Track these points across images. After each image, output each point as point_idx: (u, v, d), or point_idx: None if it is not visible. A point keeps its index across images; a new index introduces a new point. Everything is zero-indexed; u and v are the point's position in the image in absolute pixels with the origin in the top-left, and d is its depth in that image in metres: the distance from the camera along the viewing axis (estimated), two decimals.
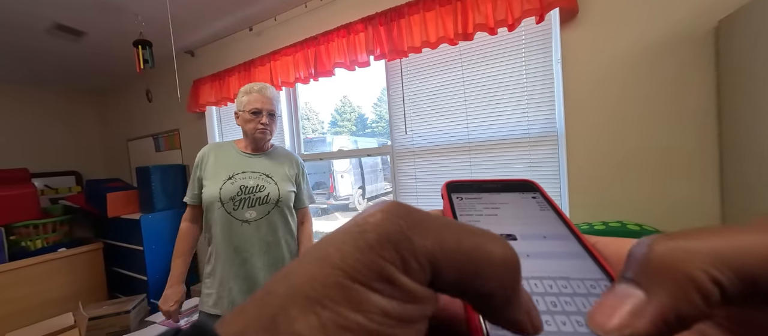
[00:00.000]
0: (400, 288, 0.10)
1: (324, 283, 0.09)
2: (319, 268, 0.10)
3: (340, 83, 12.00)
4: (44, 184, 2.86)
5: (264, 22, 2.03)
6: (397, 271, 0.10)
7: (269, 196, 1.08)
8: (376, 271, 0.10)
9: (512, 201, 0.20)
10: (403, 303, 0.10)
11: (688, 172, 1.12)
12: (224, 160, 1.11)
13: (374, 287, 0.09)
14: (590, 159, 1.27)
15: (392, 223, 0.10)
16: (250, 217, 1.06)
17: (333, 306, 0.09)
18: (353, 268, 0.10)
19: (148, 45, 1.79)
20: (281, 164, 1.15)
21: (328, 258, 0.10)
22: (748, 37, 0.90)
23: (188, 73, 2.38)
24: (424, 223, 0.10)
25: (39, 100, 2.99)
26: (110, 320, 1.90)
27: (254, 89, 1.10)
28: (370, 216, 0.11)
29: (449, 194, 0.20)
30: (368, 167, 5.95)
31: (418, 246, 0.10)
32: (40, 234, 2.35)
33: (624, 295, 0.10)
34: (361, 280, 0.09)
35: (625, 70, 1.18)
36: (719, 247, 0.09)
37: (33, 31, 1.97)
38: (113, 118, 3.29)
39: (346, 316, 0.09)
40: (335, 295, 0.09)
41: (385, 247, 0.10)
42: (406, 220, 0.10)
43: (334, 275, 0.09)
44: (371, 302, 0.09)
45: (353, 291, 0.09)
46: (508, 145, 1.45)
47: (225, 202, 1.05)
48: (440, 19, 1.40)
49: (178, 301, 1.11)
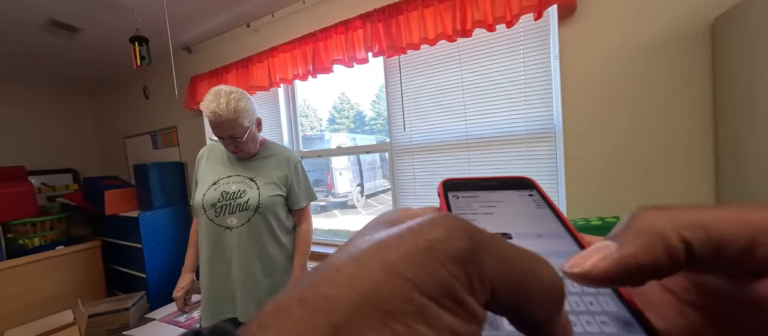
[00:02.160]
0: (466, 308, 0.10)
1: (394, 294, 0.09)
2: (386, 278, 0.09)
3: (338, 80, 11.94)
4: (41, 182, 2.85)
5: (261, 18, 2.02)
6: (464, 290, 0.10)
7: (249, 202, 1.01)
8: (447, 288, 0.09)
9: (509, 199, 0.19)
10: (467, 323, 0.10)
11: (685, 168, 1.13)
12: (213, 164, 1.08)
13: (443, 304, 0.09)
14: (587, 155, 1.28)
15: (460, 241, 0.10)
16: (232, 224, 1.01)
17: (406, 319, 0.09)
18: (424, 283, 0.09)
19: (144, 41, 1.78)
20: (269, 167, 1.08)
21: (394, 267, 0.09)
22: (744, 34, 0.91)
23: (185, 69, 2.37)
24: (487, 244, 0.10)
25: (35, 98, 2.97)
26: (110, 317, 1.90)
27: (206, 112, 0.95)
28: (436, 229, 0.10)
29: (446, 193, 0.19)
30: (367, 164, 5.95)
31: (482, 266, 0.10)
32: (38, 232, 2.34)
33: (599, 247, 0.12)
34: (432, 295, 0.09)
35: (623, 67, 1.19)
36: (698, 214, 0.11)
37: (28, 27, 1.95)
38: (110, 116, 3.26)
39: (418, 330, 0.09)
40: (408, 309, 0.09)
41: (454, 265, 0.10)
42: (472, 239, 0.10)
43: (404, 287, 0.09)
44: (442, 320, 0.09)
45: (425, 306, 0.09)
46: (506, 141, 1.46)
47: (207, 209, 1.02)
48: (439, 16, 1.40)
49: (184, 288, 1.10)
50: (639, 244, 0.11)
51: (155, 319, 1.98)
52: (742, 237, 0.10)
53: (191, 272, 1.14)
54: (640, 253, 0.11)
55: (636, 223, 0.12)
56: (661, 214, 0.11)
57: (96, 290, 2.52)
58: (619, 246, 0.11)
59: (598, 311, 0.13)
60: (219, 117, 0.95)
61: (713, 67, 1.06)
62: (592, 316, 0.12)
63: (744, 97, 0.93)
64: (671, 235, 0.11)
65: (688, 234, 0.11)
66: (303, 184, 1.14)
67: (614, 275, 0.11)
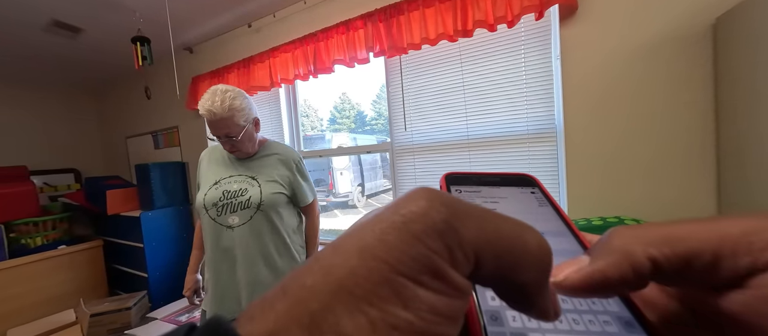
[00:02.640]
0: (448, 282, 0.09)
1: (369, 278, 0.09)
2: (360, 261, 0.09)
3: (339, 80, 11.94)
4: (43, 182, 2.86)
5: (263, 18, 2.03)
6: (445, 264, 0.09)
7: (250, 200, 1.01)
8: (425, 264, 0.09)
9: (511, 195, 0.19)
10: (450, 298, 0.09)
11: (686, 169, 1.13)
12: (214, 165, 1.08)
13: (422, 282, 0.09)
14: (589, 155, 1.27)
15: (438, 213, 0.10)
16: (234, 222, 1.01)
17: (381, 304, 0.08)
18: (400, 261, 0.09)
19: (146, 42, 1.78)
20: (270, 165, 1.08)
21: (369, 249, 0.09)
22: (746, 33, 0.91)
23: (187, 70, 2.37)
24: (467, 213, 0.10)
25: (37, 98, 2.98)
26: (111, 317, 1.91)
27: (201, 111, 0.96)
28: (411, 203, 0.10)
29: (448, 186, 0.19)
30: (367, 164, 5.95)
31: (464, 236, 0.10)
32: (40, 231, 2.35)
33: (576, 260, 0.12)
34: (409, 274, 0.09)
35: (624, 67, 1.19)
36: (667, 231, 0.12)
37: (30, 28, 1.96)
38: (112, 116, 3.27)
39: (395, 313, 0.08)
40: (382, 292, 0.09)
41: (432, 238, 0.09)
42: (450, 209, 0.10)
43: (379, 269, 0.09)
44: (421, 298, 0.09)
45: (401, 286, 0.09)
46: (507, 141, 1.46)
47: (209, 209, 1.02)
48: (440, 16, 1.40)
49: (191, 288, 1.15)
50: (609, 260, 0.11)
51: (157, 318, 1.98)
52: (708, 252, 0.11)
53: (195, 273, 1.16)
54: (608, 268, 0.11)
55: (609, 240, 0.12)
56: (632, 233, 0.12)
57: (98, 290, 2.53)
58: (591, 261, 0.12)
59: (601, 310, 0.13)
60: (214, 115, 0.95)
61: (715, 67, 1.05)
62: (594, 315, 0.12)
63: (746, 97, 0.92)
64: (639, 253, 0.11)
65: (654, 252, 0.11)
66: (306, 181, 1.14)
67: (584, 287, 0.11)
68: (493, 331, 0.11)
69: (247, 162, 1.08)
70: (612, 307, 0.13)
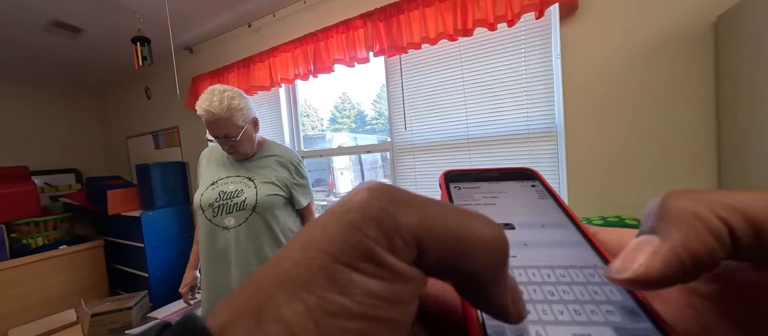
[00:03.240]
0: (386, 267, 0.09)
1: (309, 266, 0.09)
2: (303, 252, 0.10)
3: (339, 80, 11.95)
4: (44, 182, 2.86)
5: (263, 18, 2.03)
6: (382, 250, 0.09)
7: (246, 202, 1.00)
8: (361, 250, 0.09)
9: (511, 190, 0.19)
10: (389, 283, 0.09)
11: (687, 167, 1.12)
12: (213, 165, 1.08)
13: (359, 268, 0.09)
14: (589, 154, 1.27)
15: (377, 200, 0.10)
16: (230, 223, 1.00)
17: (318, 290, 0.09)
18: (337, 249, 0.09)
19: (146, 42, 1.78)
20: (268, 166, 1.06)
21: (312, 241, 0.10)
22: (747, 32, 0.90)
23: (187, 70, 2.37)
24: (408, 201, 0.10)
25: (38, 98, 2.98)
26: (112, 316, 1.91)
27: (200, 111, 0.94)
28: (353, 195, 0.10)
29: (447, 184, 0.19)
30: (368, 164, 5.94)
31: (402, 222, 0.10)
32: (41, 231, 2.36)
33: (641, 243, 0.11)
34: (346, 261, 0.09)
35: (624, 66, 1.18)
36: (728, 197, 0.10)
37: (31, 28, 1.96)
38: (112, 116, 3.28)
39: (331, 299, 0.09)
40: (320, 279, 0.09)
41: (368, 226, 0.09)
42: (390, 198, 0.10)
43: (319, 258, 0.09)
44: (356, 284, 0.09)
45: (337, 273, 0.09)
46: (508, 141, 1.45)
47: (205, 209, 1.02)
48: (439, 15, 1.40)
49: (188, 284, 1.16)
50: (684, 230, 0.10)
51: (157, 318, 1.99)
52: None
53: (194, 269, 1.18)
54: (691, 242, 0.10)
55: (667, 208, 0.11)
56: (693, 195, 0.10)
57: (99, 289, 2.54)
58: (662, 238, 0.10)
59: (603, 300, 0.12)
60: (212, 115, 0.94)
61: (716, 65, 1.05)
62: (596, 305, 0.12)
63: (747, 95, 0.92)
64: (711, 217, 0.10)
65: (727, 215, 0.10)
66: (304, 183, 1.13)
67: (672, 273, 0.10)
68: (491, 326, 0.11)
69: (245, 163, 1.07)
70: (615, 297, 0.12)
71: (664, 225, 0.10)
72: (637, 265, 0.10)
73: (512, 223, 0.16)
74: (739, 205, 0.10)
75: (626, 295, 0.12)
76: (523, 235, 0.16)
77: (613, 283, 0.11)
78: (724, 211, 0.10)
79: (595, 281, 0.13)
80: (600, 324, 0.11)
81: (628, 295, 0.12)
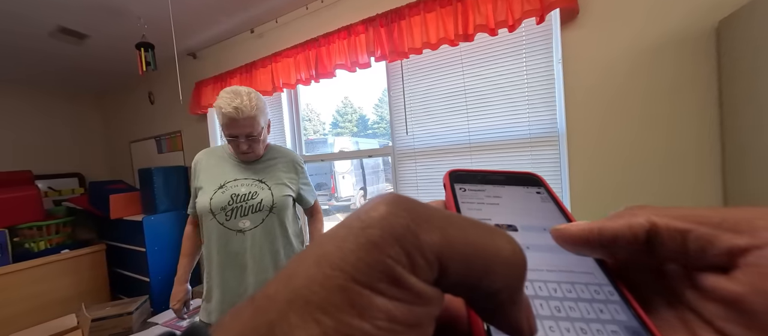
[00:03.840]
0: (408, 289, 0.09)
1: (324, 285, 0.09)
2: (318, 269, 0.09)
3: (341, 85, 12.02)
4: (47, 186, 2.88)
5: (265, 24, 2.05)
6: (404, 270, 0.09)
7: (263, 203, 1.00)
8: (382, 271, 0.09)
9: (515, 193, 0.19)
10: (410, 305, 0.09)
11: (690, 172, 1.12)
12: (217, 168, 1.05)
13: (379, 289, 0.09)
14: (591, 159, 1.27)
15: (397, 217, 0.09)
16: (245, 226, 1.00)
17: (335, 312, 0.08)
18: (356, 269, 0.09)
19: (150, 47, 1.80)
20: (277, 168, 1.07)
21: (327, 257, 0.09)
22: (749, 37, 0.90)
23: (190, 75, 2.40)
24: (429, 217, 0.10)
25: (42, 103, 3.01)
26: (113, 321, 1.90)
27: (226, 109, 0.93)
28: (372, 210, 0.10)
29: (452, 184, 0.19)
30: (369, 168, 5.95)
31: (424, 242, 0.09)
32: (44, 235, 2.37)
33: (582, 222, 0.14)
34: (365, 281, 0.09)
35: (626, 71, 1.18)
36: (673, 209, 0.13)
37: (37, 34, 1.99)
38: (116, 120, 3.30)
39: (349, 323, 0.08)
40: (337, 300, 0.08)
41: (390, 244, 0.09)
42: (411, 214, 0.09)
43: (335, 277, 0.09)
44: (377, 307, 0.08)
45: (356, 295, 0.08)
46: (510, 145, 1.45)
47: (216, 213, 0.99)
48: (441, 20, 1.40)
49: (181, 300, 1.12)
50: (610, 219, 0.13)
51: (158, 323, 1.98)
52: (707, 225, 0.11)
53: (185, 283, 1.13)
54: (606, 225, 0.13)
55: (618, 211, 0.14)
56: (643, 206, 0.13)
57: (100, 294, 2.54)
58: (595, 221, 0.13)
59: (608, 319, 0.12)
60: (241, 113, 0.93)
61: (718, 70, 1.05)
62: (602, 324, 0.12)
63: (750, 99, 0.92)
64: (640, 217, 0.13)
65: (655, 218, 0.12)
66: (309, 183, 1.17)
67: (580, 236, 0.13)
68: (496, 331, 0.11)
69: (252, 165, 1.06)
70: (620, 316, 0.13)
71: (605, 219, 0.14)
72: (562, 227, 0.14)
73: (515, 225, 0.17)
74: (677, 212, 0.12)
75: (631, 315, 0.13)
76: (526, 237, 0.16)
77: (552, 235, 0.14)
78: (657, 216, 0.12)
79: (600, 299, 0.13)
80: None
81: (632, 316, 0.13)
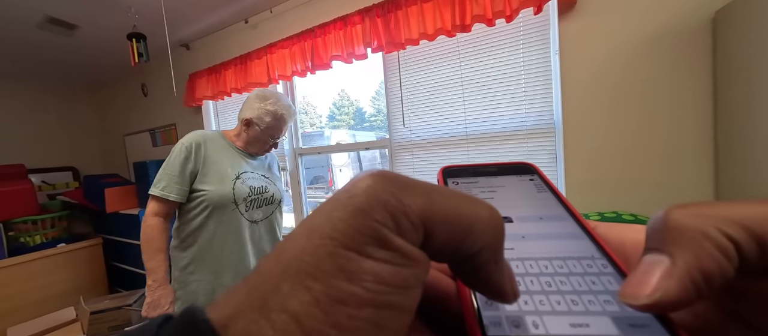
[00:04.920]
0: (395, 250, 0.09)
1: (314, 254, 0.09)
2: (308, 240, 0.09)
3: (337, 77, 11.91)
4: (41, 180, 2.85)
5: (259, 14, 2.01)
6: (391, 233, 0.09)
7: (273, 197, 1.07)
8: (369, 234, 0.09)
9: (509, 184, 0.19)
10: (398, 267, 0.09)
11: (684, 164, 1.13)
12: (224, 157, 1.01)
13: (367, 252, 0.09)
14: (587, 150, 1.27)
15: (382, 186, 0.10)
16: (258, 217, 1.05)
17: (325, 278, 0.09)
18: (344, 235, 0.09)
19: (142, 38, 1.77)
20: (271, 164, 1.16)
21: (317, 228, 0.09)
22: (744, 28, 0.90)
23: (184, 66, 2.36)
24: (412, 184, 0.10)
25: (33, 96, 2.96)
26: (112, 314, 1.91)
27: (283, 114, 1.03)
28: (358, 181, 0.10)
29: (445, 180, 0.19)
30: (367, 161, 5.94)
31: (409, 204, 0.10)
32: (39, 230, 2.35)
33: (651, 264, 0.10)
34: (353, 246, 0.09)
35: (623, 61, 1.18)
36: (731, 211, 0.10)
37: (24, 25, 1.93)
38: (109, 113, 3.26)
39: (339, 287, 0.08)
40: (326, 266, 0.09)
41: (376, 209, 0.09)
42: (396, 183, 0.10)
43: (325, 245, 0.09)
44: (365, 269, 0.09)
45: (345, 259, 0.09)
46: (506, 137, 1.45)
47: (239, 203, 0.99)
48: (438, 11, 1.39)
49: (172, 302, 0.98)
50: (692, 249, 0.10)
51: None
52: None
53: (169, 285, 1.01)
54: (703, 261, 0.09)
55: (672, 225, 0.10)
56: (696, 212, 0.10)
57: (98, 287, 2.54)
58: (672, 258, 0.10)
59: (601, 290, 0.12)
60: (293, 117, 1.06)
61: (714, 61, 1.05)
62: (594, 294, 0.12)
63: (743, 91, 0.92)
64: (716, 233, 0.10)
65: (730, 231, 0.09)
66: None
67: (689, 295, 0.09)
68: (488, 316, 0.11)
69: (252, 159, 1.10)
70: (613, 286, 0.12)
71: (673, 244, 0.10)
72: (652, 290, 0.10)
73: (510, 217, 0.16)
74: (742, 219, 0.10)
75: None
76: (521, 227, 0.16)
77: (631, 308, 0.10)
78: (729, 227, 0.10)
79: (592, 271, 0.13)
80: (597, 313, 0.11)
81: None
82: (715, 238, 0.10)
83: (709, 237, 0.10)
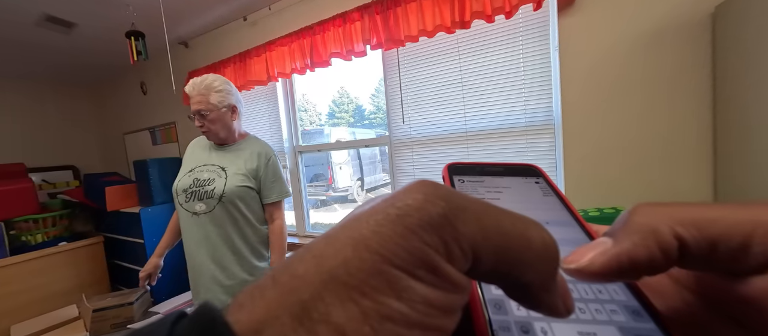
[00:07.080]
0: (444, 277, 0.09)
1: (362, 268, 0.09)
2: (354, 252, 0.09)
3: (337, 74, 11.87)
4: (42, 179, 2.85)
5: (258, 11, 2.00)
6: (441, 259, 0.09)
7: (214, 191, 1.04)
8: (420, 258, 0.09)
9: (515, 185, 0.19)
10: (445, 292, 0.09)
11: (683, 159, 1.13)
12: (195, 154, 1.14)
13: (417, 275, 0.09)
14: (586, 146, 1.28)
15: (434, 206, 0.09)
16: (200, 209, 1.06)
17: (374, 294, 0.08)
18: (394, 254, 0.09)
19: (141, 36, 1.76)
20: (241, 158, 1.09)
21: (364, 241, 0.09)
22: (744, 22, 0.90)
23: (183, 64, 2.35)
24: (465, 207, 0.10)
25: (33, 95, 2.95)
26: (114, 312, 1.92)
27: (188, 88, 1.07)
28: (408, 196, 0.10)
29: (451, 177, 0.19)
30: (367, 158, 5.94)
31: (461, 232, 0.09)
32: (41, 228, 2.36)
33: (598, 243, 0.12)
34: (403, 266, 0.09)
35: (623, 57, 1.18)
36: (693, 212, 0.11)
37: (23, 23, 1.93)
38: (109, 112, 3.26)
39: (389, 305, 0.08)
40: (376, 283, 0.08)
41: (427, 232, 0.09)
42: (448, 203, 0.10)
43: (373, 261, 0.09)
44: (415, 291, 0.09)
45: (395, 278, 0.09)
46: (506, 134, 1.45)
47: (178, 194, 1.08)
48: (437, 7, 1.38)
49: (147, 271, 1.20)
50: (635, 240, 0.11)
51: (160, 312, 2.00)
52: (737, 236, 0.10)
53: (159, 257, 1.24)
54: (635, 249, 0.11)
55: (632, 218, 0.12)
56: (657, 210, 0.11)
57: (100, 285, 2.55)
58: (614, 242, 0.11)
59: (607, 300, 0.12)
60: (192, 89, 1.05)
61: (713, 56, 1.05)
62: (601, 303, 0.12)
63: (743, 85, 0.92)
64: (665, 232, 0.11)
65: (682, 231, 0.11)
66: (275, 179, 1.13)
67: (610, 271, 0.11)
68: (497, 320, 0.11)
69: (222, 152, 1.12)
70: (619, 296, 0.12)
71: (622, 232, 0.12)
72: (583, 259, 0.11)
73: None
74: (698, 221, 0.11)
75: (630, 295, 0.13)
76: None
77: (563, 271, 0.11)
78: (681, 226, 0.11)
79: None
80: (604, 323, 0.11)
81: (631, 295, 0.13)
82: (661, 234, 0.11)
83: (656, 232, 0.11)
